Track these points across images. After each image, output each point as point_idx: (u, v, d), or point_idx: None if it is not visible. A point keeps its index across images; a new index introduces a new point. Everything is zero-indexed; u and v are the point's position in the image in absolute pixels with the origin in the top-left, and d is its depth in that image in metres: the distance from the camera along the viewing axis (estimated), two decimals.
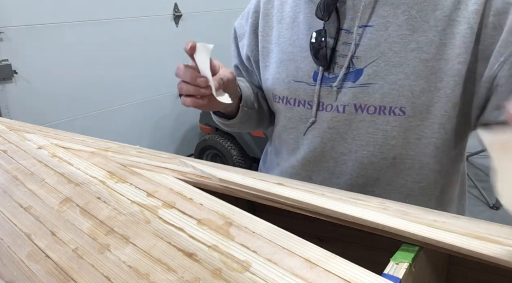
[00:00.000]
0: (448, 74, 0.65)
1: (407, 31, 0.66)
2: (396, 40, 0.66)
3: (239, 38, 0.90)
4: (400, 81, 0.66)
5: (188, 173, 0.67)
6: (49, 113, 2.40)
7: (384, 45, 0.67)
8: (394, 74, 0.66)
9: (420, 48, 0.65)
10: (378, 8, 0.68)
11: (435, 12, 0.65)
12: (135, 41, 2.77)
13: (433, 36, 0.65)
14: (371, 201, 0.60)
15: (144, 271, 0.47)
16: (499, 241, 0.46)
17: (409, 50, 0.66)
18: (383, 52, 0.67)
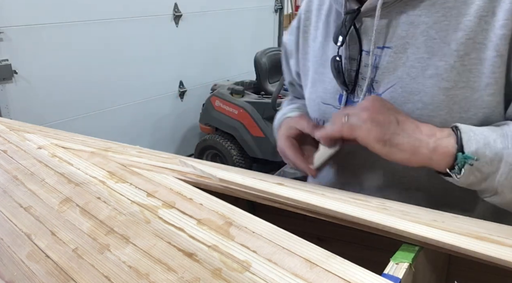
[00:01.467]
0: (475, 105, 0.58)
1: (425, 54, 0.60)
2: (414, 64, 0.61)
3: (289, 55, 0.87)
4: (418, 111, 0.61)
5: (188, 173, 0.67)
6: (49, 113, 2.40)
7: (402, 69, 0.62)
8: (411, 102, 0.62)
9: (439, 75, 0.59)
10: (396, 28, 0.62)
11: (456, 33, 0.58)
12: (135, 41, 2.77)
13: (454, 62, 0.58)
14: (371, 201, 0.60)
15: (144, 271, 0.47)
16: (499, 241, 0.46)
17: (427, 77, 0.60)
18: (400, 77, 0.62)
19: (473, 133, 0.55)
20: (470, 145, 0.54)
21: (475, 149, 0.54)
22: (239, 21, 3.53)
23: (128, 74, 2.78)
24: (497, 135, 0.55)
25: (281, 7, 3.88)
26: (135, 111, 2.90)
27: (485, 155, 0.54)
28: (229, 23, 3.43)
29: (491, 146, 0.54)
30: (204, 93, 3.20)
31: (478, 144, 0.54)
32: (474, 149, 0.54)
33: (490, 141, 0.54)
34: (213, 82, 3.25)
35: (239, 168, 0.94)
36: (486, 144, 0.54)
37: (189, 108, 3.26)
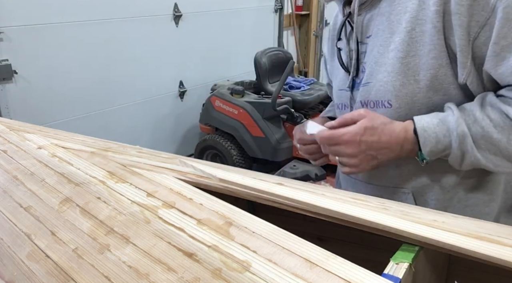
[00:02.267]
0: (423, 68, 0.74)
1: (388, 34, 0.78)
2: (382, 43, 0.78)
3: (327, 61, 1.04)
4: (385, 78, 0.77)
5: (188, 173, 0.67)
6: (49, 113, 2.40)
7: (375, 49, 0.80)
8: (381, 72, 0.78)
9: (396, 48, 0.76)
10: (372, 20, 0.81)
11: (405, 14, 0.75)
12: (135, 41, 2.77)
13: (404, 36, 0.75)
14: (371, 201, 0.60)
15: (144, 271, 0.47)
16: (499, 241, 0.46)
17: (389, 51, 0.77)
18: (374, 55, 0.79)
19: (427, 134, 0.71)
20: (425, 147, 0.71)
21: (429, 148, 0.71)
22: (239, 21, 3.53)
23: (128, 74, 2.78)
24: (448, 118, 0.71)
25: (281, 7, 3.88)
26: (135, 111, 2.90)
27: (438, 148, 0.71)
28: (229, 23, 3.42)
29: (441, 141, 0.71)
30: (204, 93, 3.19)
31: (431, 144, 0.71)
32: (428, 149, 0.71)
33: (440, 137, 0.71)
34: (213, 82, 3.25)
35: (239, 168, 0.94)
36: (438, 142, 0.71)
37: (189, 108, 3.25)
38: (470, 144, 0.69)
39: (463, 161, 0.71)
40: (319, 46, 4.36)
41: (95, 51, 2.55)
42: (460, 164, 0.71)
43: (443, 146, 0.71)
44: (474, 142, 0.69)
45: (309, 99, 2.84)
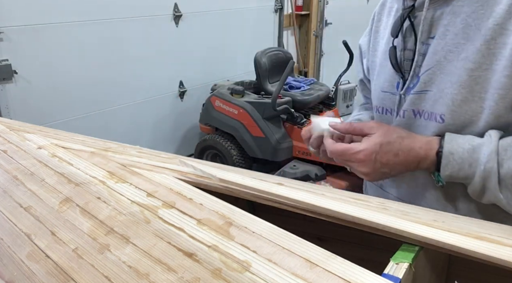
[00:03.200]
0: (494, 86, 0.63)
1: (462, 39, 0.66)
2: (452, 49, 0.67)
3: (363, 54, 0.93)
4: (446, 89, 0.68)
5: (188, 173, 0.67)
6: (49, 113, 2.40)
7: (441, 53, 0.69)
8: (443, 82, 0.69)
9: (468, 57, 0.65)
10: (441, 18, 0.69)
11: (488, 20, 0.63)
12: (135, 41, 2.77)
13: (480, 45, 0.64)
14: (371, 201, 0.60)
15: (144, 271, 0.47)
16: (499, 241, 0.46)
17: (459, 59, 0.66)
18: (438, 60, 0.69)
19: (452, 158, 0.64)
20: (445, 170, 0.64)
21: (449, 172, 0.64)
22: (239, 21, 3.52)
23: (128, 74, 2.78)
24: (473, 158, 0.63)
25: (281, 7, 3.88)
26: (135, 111, 2.90)
27: (458, 175, 0.64)
28: (229, 23, 3.42)
29: (466, 170, 0.64)
30: (204, 93, 3.19)
31: (453, 169, 0.64)
32: (448, 172, 0.64)
33: (465, 167, 0.64)
34: (213, 82, 3.25)
35: (239, 168, 0.94)
36: (460, 169, 0.64)
37: (189, 108, 3.25)
38: (494, 182, 0.61)
39: (482, 196, 0.64)
40: (319, 46, 4.36)
41: (95, 51, 2.55)
42: (479, 197, 0.64)
43: (465, 175, 0.63)
44: (500, 181, 0.61)
45: (309, 99, 2.84)
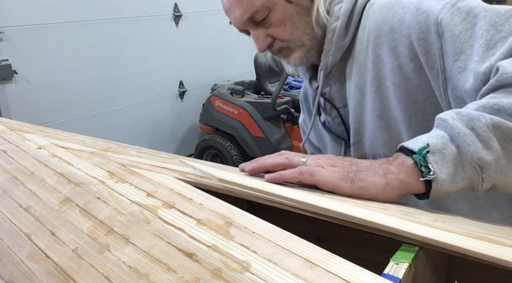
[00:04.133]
0: (400, 120, 0.76)
1: (360, 95, 0.82)
2: (357, 104, 0.83)
3: (305, 133, 1.08)
4: (372, 135, 0.81)
5: (188, 173, 0.67)
6: (49, 113, 2.40)
7: (356, 110, 0.84)
8: (366, 130, 0.82)
9: (371, 107, 0.79)
10: (346, 86, 0.85)
11: (367, 75, 0.80)
12: (135, 41, 2.77)
13: (373, 95, 0.79)
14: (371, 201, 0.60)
15: (144, 271, 0.47)
16: (499, 241, 0.46)
17: (367, 110, 0.81)
18: (355, 116, 0.84)
19: (414, 139, 0.60)
20: (417, 142, 0.58)
21: (422, 142, 0.58)
22: None
23: (128, 74, 2.78)
24: (434, 129, 0.60)
25: None
26: (135, 111, 2.90)
27: (435, 142, 0.57)
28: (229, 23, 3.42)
29: (434, 135, 0.58)
30: (204, 93, 3.19)
31: (419, 140, 0.59)
32: (421, 143, 0.58)
33: (431, 134, 0.59)
34: (213, 82, 3.25)
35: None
36: (429, 137, 0.58)
37: (189, 108, 3.26)
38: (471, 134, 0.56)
39: (458, 167, 0.56)
40: None
41: (95, 51, 2.55)
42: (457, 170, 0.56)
43: (439, 139, 0.57)
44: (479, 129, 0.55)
45: None
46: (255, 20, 0.84)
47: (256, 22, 0.84)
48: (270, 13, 0.83)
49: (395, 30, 0.75)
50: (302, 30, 0.84)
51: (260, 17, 0.83)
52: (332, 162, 0.63)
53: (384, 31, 0.77)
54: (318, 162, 0.63)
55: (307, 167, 0.62)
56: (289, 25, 0.84)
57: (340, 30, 0.82)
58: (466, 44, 0.65)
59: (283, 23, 0.84)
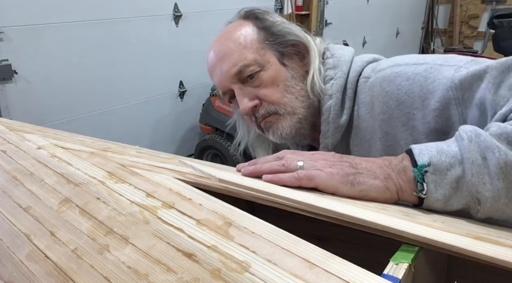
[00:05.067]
0: None
1: (367, 149, 0.78)
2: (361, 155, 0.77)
3: None
4: None
5: (187, 173, 0.67)
6: (49, 113, 2.40)
7: None
8: None
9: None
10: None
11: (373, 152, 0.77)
12: (135, 41, 2.77)
13: (382, 146, 0.75)
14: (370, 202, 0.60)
15: (143, 272, 0.47)
16: (498, 242, 0.46)
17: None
18: None
19: (425, 146, 0.58)
20: (422, 156, 0.56)
21: (428, 158, 0.56)
22: None
23: (128, 74, 2.78)
24: (450, 141, 0.57)
25: (281, 7, 3.87)
26: (135, 111, 2.90)
27: (441, 160, 0.55)
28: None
29: (445, 151, 0.56)
30: (204, 93, 3.19)
31: (430, 153, 0.56)
32: (427, 158, 0.56)
33: (444, 147, 0.56)
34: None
35: None
36: (439, 151, 0.56)
37: (189, 108, 3.25)
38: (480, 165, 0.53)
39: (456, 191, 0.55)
40: None
41: (95, 51, 2.55)
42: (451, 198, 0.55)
43: (448, 157, 0.55)
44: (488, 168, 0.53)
45: None
46: (244, 75, 0.78)
47: (244, 79, 0.79)
48: (261, 71, 0.78)
49: (404, 104, 0.70)
50: (296, 96, 0.79)
51: (250, 73, 0.77)
52: (330, 164, 0.62)
53: (390, 106, 0.72)
54: (315, 165, 0.62)
55: (305, 171, 0.61)
56: (281, 86, 0.78)
57: (335, 108, 0.77)
58: (496, 96, 0.61)
59: (275, 84, 0.78)
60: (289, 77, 0.79)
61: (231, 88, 0.81)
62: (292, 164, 0.63)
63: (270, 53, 0.80)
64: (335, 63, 0.80)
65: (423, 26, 6.39)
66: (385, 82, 0.73)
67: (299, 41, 0.81)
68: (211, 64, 0.82)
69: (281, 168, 0.63)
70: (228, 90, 0.82)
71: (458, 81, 0.65)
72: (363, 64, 0.80)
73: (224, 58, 0.79)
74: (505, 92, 0.60)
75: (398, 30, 5.73)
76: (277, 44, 0.80)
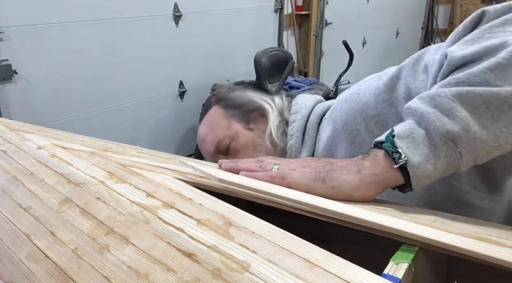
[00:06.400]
0: None
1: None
2: None
3: None
4: None
5: (187, 173, 0.67)
6: (49, 113, 2.39)
7: None
8: None
9: None
10: None
11: None
12: (135, 41, 2.77)
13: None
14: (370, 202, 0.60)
15: (143, 272, 0.47)
16: (498, 242, 0.46)
17: None
18: None
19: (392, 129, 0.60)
20: (385, 134, 0.59)
21: (390, 130, 0.58)
22: (239, 21, 3.52)
23: (128, 74, 2.78)
24: (406, 117, 0.61)
25: (281, 7, 3.87)
26: (135, 111, 2.90)
27: (402, 129, 0.57)
28: (229, 23, 3.42)
29: (402, 124, 0.59)
30: (204, 93, 3.19)
31: (390, 130, 0.58)
32: (389, 131, 0.58)
33: (400, 124, 0.59)
34: (213, 82, 3.24)
35: None
36: (398, 126, 0.58)
37: (189, 108, 3.25)
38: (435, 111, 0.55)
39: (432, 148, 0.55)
40: (319, 46, 4.35)
41: (95, 51, 2.55)
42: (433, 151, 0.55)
43: (406, 125, 0.58)
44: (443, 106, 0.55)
45: None
46: (221, 150, 0.93)
47: (223, 152, 0.93)
48: (232, 142, 0.93)
49: (348, 123, 0.77)
50: (264, 152, 0.91)
51: (224, 146, 0.92)
52: (305, 164, 0.63)
53: (337, 130, 0.79)
54: (290, 166, 0.64)
55: (278, 170, 0.63)
56: (251, 148, 0.92)
57: (295, 146, 0.88)
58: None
59: (246, 148, 0.92)
60: (256, 138, 0.93)
61: (216, 160, 0.92)
62: (268, 166, 0.66)
63: (236, 125, 0.95)
64: (296, 109, 0.93)
65: (423, 26, 6.40)
66: (332, 112, 0.83)
67: (257, 107, 0.97)
68: (199, 140, 1.01)
69: (258, 168, 0.67)
70: (214, 160, 0.96)
71: (383, 86, 0.72)
72: (325, 108, 0.90)
73: (204, 141, 0.98)
74: (422, 76, 0.67)
75: (398, 30, 5.73)
76: (241, 115, 0.96)
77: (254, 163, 0.68)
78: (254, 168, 0.67)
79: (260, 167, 0.66)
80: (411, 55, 0.72)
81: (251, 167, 0.67)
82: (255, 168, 0.67)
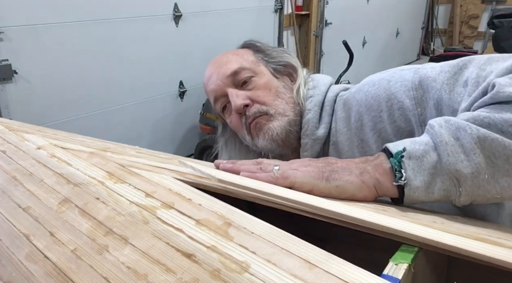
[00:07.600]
0: None
1: (349, 153, 0.81)
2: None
3: None
4: None
5: (187, 173, 0.67)
6: (49, 113, 2.39)
7: None
8: None
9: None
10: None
11: None
12: (135, 41, 2.77)
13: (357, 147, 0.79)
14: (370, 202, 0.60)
15: (142, 272, 0.47)
16: (498, 242, 0.46)
17: None
18: None
19: (398, 141, 0.60)
20: (397, 146, 0.58)
21: (401, 147, 0.58)
22: (239, 21, 3.52)
23: (128, 74, 2.78)
24: (422, 135, 0.60)
25: (281, 7, 3.87)
26: (135, 111, 2.90)
27: (416, 148, 0.57)
28: (229, 23, 3.42)
29: (418, 141, 0.58)
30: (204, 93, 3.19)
31: (404, 143, 0.58)
32: (401, 147, 0.58)
33: (416, 139, 0.59)
34: None
35: None
36: (413, 142, 0.58)
37: (189, 108, 3.25)
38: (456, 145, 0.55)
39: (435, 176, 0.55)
40: (319, 46, 4.35)
41: (95, 51, 2.55)
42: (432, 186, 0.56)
43: (421, 145, 0.57)
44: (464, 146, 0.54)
45: None
46: (239, 78, 0.87)
47: (238, 83, 0.87)
48: (255, 77, 0.87)
49: (372, 108, 0.75)
50: (286, 101, 0.87)
51: (245, 76, 0.87)
52: (306, 164, 0.63)
53: (361, 113, 0.77)
54: (291, 166, 0.64)
55: (280, 171, 0.62)
56: (273, 91, 0.87)
57: (313, 121, 0.85)
58: (455, 87, 0.64)
59: (268, 89, 0.87)
60: (280, 86, 0.89)
61: (225, 91, 0.88)
62: (268, 167, 0.65)
63: (263, 67, 0.91)
64: (314, 84, 0.90)
65: (423, 26, 6.40)
66: (356, 92, 0.80)
67: (289, 63, 0.93)
68: (208, 74, 0.94)
69: (258, 170, 0.66)
70: (221, 94, 0.90)
71: (418, 82, 0.70)
72: (340, 88, 0.89)
73: (222, 64, 0.90)
74: (460, 89, 0.64)
75: (398, 30, 5.73)
76: (270, 63, 0.92)
77: (253, 165, 0.67)
78: (254, 170, 0.66)
79: (260, 169, 0.66)
80: (455, 60, 0.67)
81: (251, 169, 0.66)
82: (255, 170, 0.66)
